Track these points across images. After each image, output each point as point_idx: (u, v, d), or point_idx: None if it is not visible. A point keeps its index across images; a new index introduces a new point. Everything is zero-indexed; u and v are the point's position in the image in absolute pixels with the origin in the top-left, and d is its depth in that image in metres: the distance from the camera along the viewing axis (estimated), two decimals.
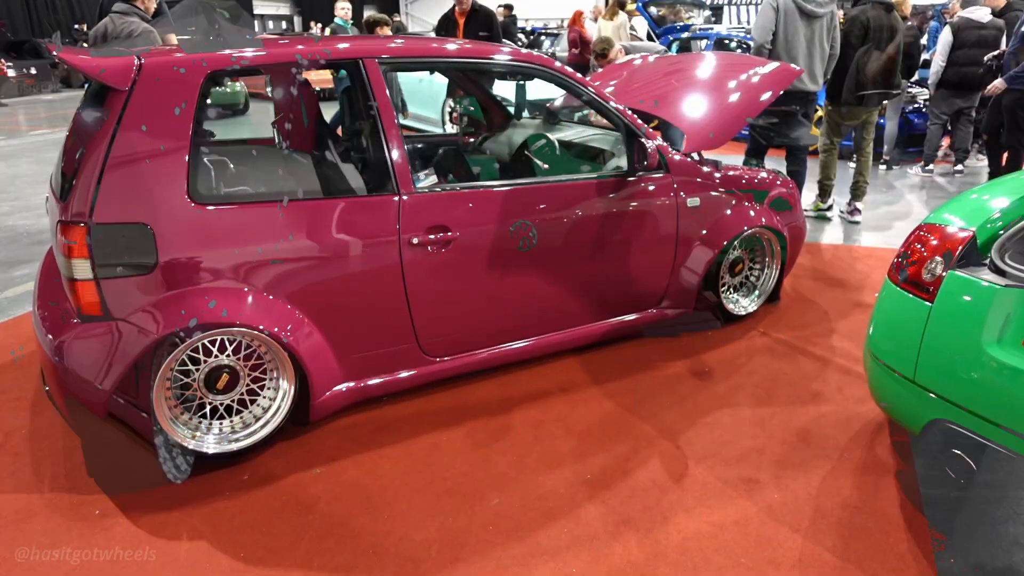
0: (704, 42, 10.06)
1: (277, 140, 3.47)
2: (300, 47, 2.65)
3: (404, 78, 9.19)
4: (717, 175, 3.33)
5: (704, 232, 3.27)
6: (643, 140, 2.98)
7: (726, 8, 17.96)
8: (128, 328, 2.20)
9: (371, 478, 2.38)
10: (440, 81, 9.17)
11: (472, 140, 4.24)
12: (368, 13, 9.43)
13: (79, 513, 2.21)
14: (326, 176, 2.75)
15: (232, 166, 2.82)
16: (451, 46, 2.94)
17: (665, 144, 3.19)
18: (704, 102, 3.46)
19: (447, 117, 9.10)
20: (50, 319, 2.34)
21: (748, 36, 9.70)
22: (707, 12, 14.00)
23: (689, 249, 3.26)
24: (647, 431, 2.63)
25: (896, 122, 7.12)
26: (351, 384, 2.65)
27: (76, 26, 18.15)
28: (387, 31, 7.71)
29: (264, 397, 2.52)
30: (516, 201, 2.79)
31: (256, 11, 27.79)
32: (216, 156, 2.84)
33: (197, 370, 2.37)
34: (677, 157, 3.19)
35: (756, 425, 2.67)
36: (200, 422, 2.44)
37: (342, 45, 2.67)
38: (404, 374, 2.76)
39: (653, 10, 11.55)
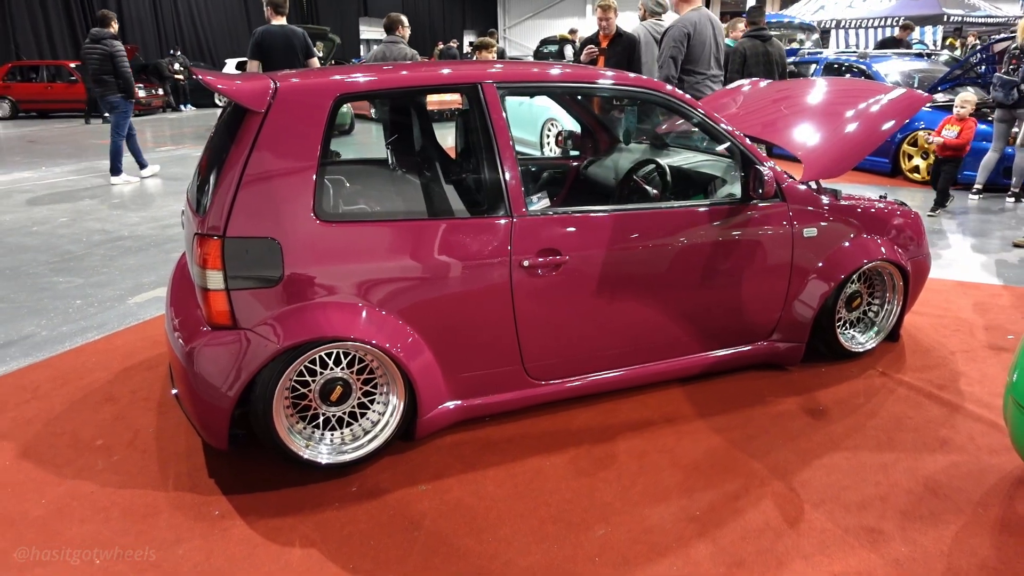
0: (813, 67, 9.74)
1: (391, 161, 3.59)
2: (421, 72, 2.73)
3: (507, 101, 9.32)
4: (835, 204, 3.19)
5: (820, 264, 3.14)
6: (759, 167, 2.89)
7: (833, 32, 17.34)
8: (254, 338, 2.31)
9: (475, 499, 2.38)
10: (539, 104, 9.29)
11: (577, 164, 4.24)
12: (469, 39, 9.63)
13: (200, 513, 2.32)
14: (441, 196, 2.81)
15: (354, 185, 2.93)
16: (565, 70, 2.96)
17: (781, 171, 3.09)
18: (822, 129, 3.34)
19: (545, 140, 9.21)
20: (182, 326, 2.48)
21: (860, 60, 9.34)
22: (816, 36, 13.56)
23: (804, 281, 3.13)
24: (758, 469, 2.52)
25: None
26: (457, 403, 2.67)
27: (172, 51, 19.60)
28: (491, 54, 7.84)
29: (374, 411, 2.58)
30: (628, 226, 2.76)
31: (362, 36, 29.09)
32: (338, 176, 2.96)
33: (314, 381, 2.46)
34: (798, 186, 3.08)
35: (878, 471, 2.51)
36: (313, 432, 2.52)
37: (461, 69, 2.73)
38: (508, 396, 2.76)
39: None
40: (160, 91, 17.71)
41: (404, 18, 6.75)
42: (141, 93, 16.88)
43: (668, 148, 4.12)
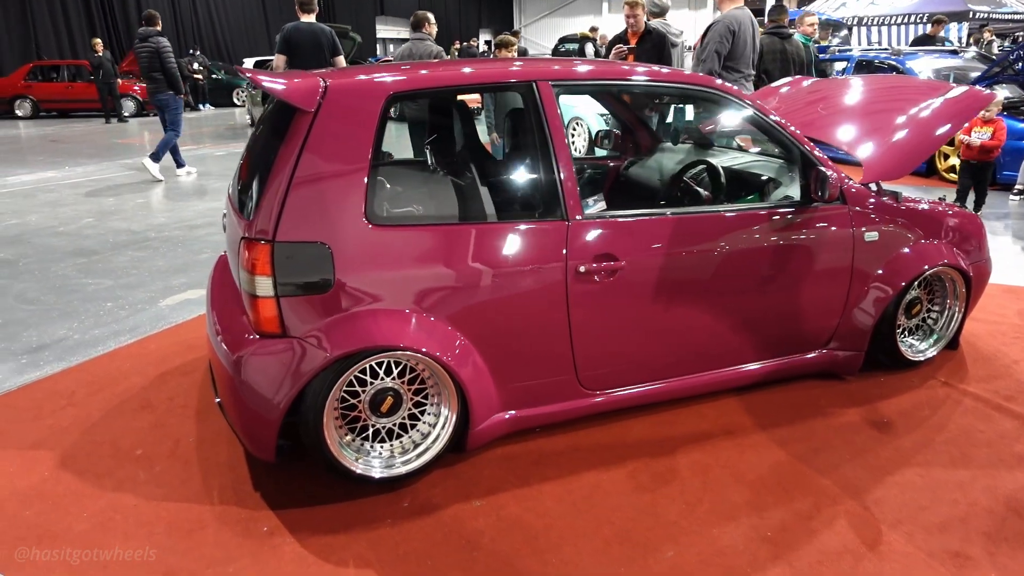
0: (843, 64, 9.56)
1: (430, 162, 3.48)
2: (474, 70, 2.63)
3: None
4: (896, 207, 3.06)
5: (881, 269, 3.01)
6: (822, 169, 2.77)
7: (855, 29, 17.06)
8: (305, 347, 2.21)
9: (533, 515, 2.27)
10: (563, 103, 9.16)
11: (616, 164, 4.12)
12: (485, 37, 9.44)
13: (248, 529, 2.22)
14: (492, 199, 2.70)
15: (397, 187, 2.83)
16: (623, 68, 2.84)
17: (842, 173, 2.96)
18: (881, 128, 3.21)
19: (570, 139, 9.09)
20: (227, 333, 2.39)
21: (893, 57, 9.15)
22: (844, 32, 13.33)
23: (864, 287, 3.00)
24: (827, 486, 2.40)
25: None
26: (510, 413, 2.57)
27: (191, 51, 19.50)
28: (511, 53, 7.58)
29: (424, 423, 2.48)
30: (686, 230, 2.64)
31: (379, 35, 29.08)
32: (386, 177, 2.86)
33: (363, 392, 2.36)
34: (854, 187, 2.96)
35: (955, 489, 2.39)
36: (362, 444, 2.42)
37: (516, 67, 2.63)
38: (561, 406, 2.66)
39: None
40: None
41: (431, 16, 6.67)
42: None
43: (711, 148, 4.00)
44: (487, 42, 29.32)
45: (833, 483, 2.42)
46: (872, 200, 2.99)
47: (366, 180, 2.28)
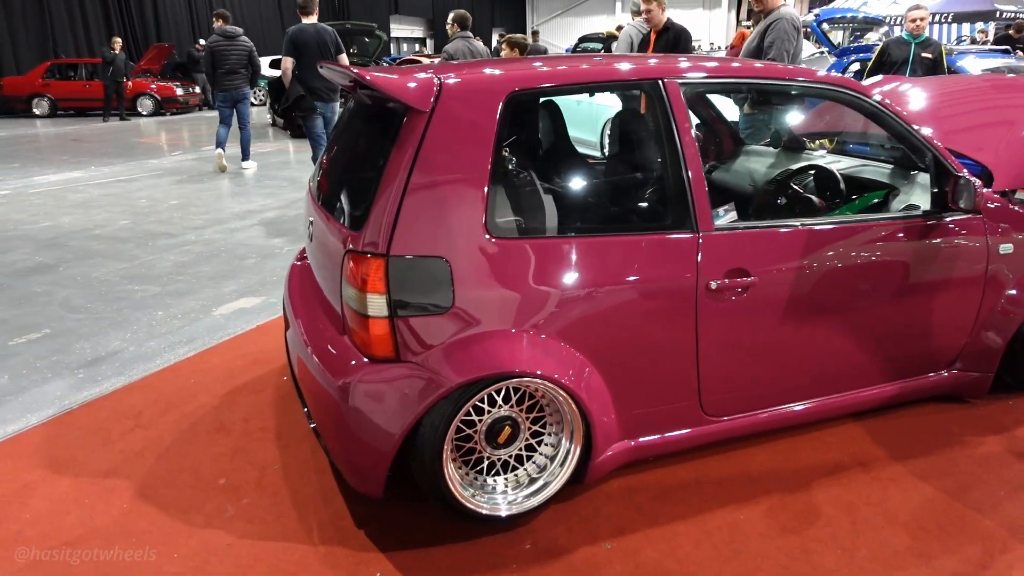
0: None
1: (512, 165, 3.25)
2: (596, 67, 2.41)
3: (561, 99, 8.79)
4: None
5: (1014, 284, 2.77)
6: (963, 176, 2.53)
7: (875, 28, 16.79)
8: (422, 373, 1.99)
9: (673, 561, 2.05)
10: (601, 103, 8.87)
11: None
12: (495, 36, 9.19)
13: (358, 575, 2.00)
14: (612, 209, 2.48)
15: (517, 196, 2.59)
16: (753, 66, 2.61)
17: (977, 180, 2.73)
18: (1006, 131, 2.98)
19: (606, 140, 8.84)
20: (327, 354, 2.17)
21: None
22: (884, 28, 13.07)
23: (996, 303, 2.77)
24: (993, 529, 2.17)
25: None
26: (633, 442, 2.35)
27: (196, 45, 18.94)
28: (513, 53, 7.05)
29: (540, 454, 2.26)
30: (818, 242, 2.41)
31: (393, 33, 28.91)
32: (502, 185, 2.63)
33: (480, 421, 2.14)
34: (988, 194, 2.72)
35: None
36: (476, 478, 2.20)
37: (640, 64, 2.40)
38: (680, 433, 2.43)
39: (826, 26, 10.86)
40: (197, 89, 17.53)
41: None
42: (179, 92, 16.74)
43: (801, 151, 3.76)
44: (498, 42, 29.08)
45: (998, 525, 2.19)
46: (1006, 209, 2.76)
47: (487, 188, 2.06)
